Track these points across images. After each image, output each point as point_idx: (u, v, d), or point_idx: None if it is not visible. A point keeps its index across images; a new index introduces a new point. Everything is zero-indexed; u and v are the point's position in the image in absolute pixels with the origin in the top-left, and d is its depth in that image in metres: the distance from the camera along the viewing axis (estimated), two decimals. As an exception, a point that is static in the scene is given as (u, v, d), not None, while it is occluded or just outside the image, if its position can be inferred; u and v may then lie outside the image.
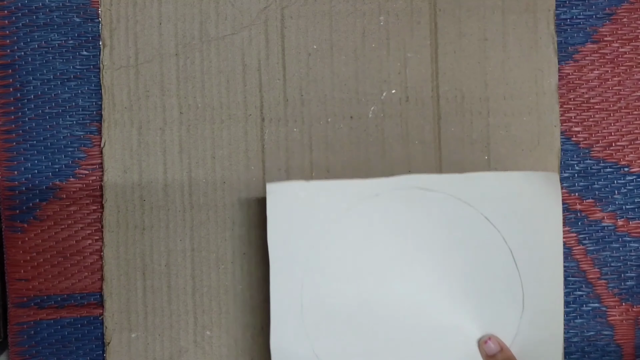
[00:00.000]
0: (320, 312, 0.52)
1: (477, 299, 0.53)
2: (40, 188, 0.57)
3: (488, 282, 0.53)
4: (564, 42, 0.58)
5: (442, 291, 0.53)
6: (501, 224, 0.52)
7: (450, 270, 0.53)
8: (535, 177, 0.52)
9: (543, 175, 0.53)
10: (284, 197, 0.51)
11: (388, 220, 0.52)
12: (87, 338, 0.57)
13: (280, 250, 0.52)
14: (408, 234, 0.53)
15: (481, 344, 0.52)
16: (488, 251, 0.53)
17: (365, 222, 0.52)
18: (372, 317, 0.53)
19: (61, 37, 0.57)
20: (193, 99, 0.57)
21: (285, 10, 0.57)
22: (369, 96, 0.57)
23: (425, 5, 0.58)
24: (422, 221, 0.52)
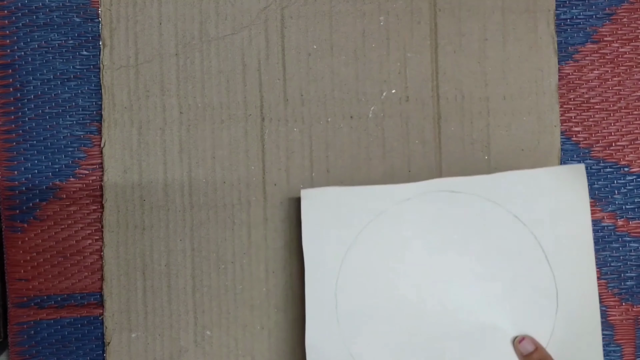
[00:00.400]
0: (355, 314, 0.53)
1: (511, 299, 0.53)
2: (40, 188, 0.57)
3: (521, 281, 0.53)
4: (564, 42, 0.58)
5: (475, 291, 0.53)
6: (530, 222, 0.53)
7: (483, 270, 0.53)
8: (562, 172, 0.53)
9: (569, 168, 0.54)
10: (317, 202, 0.53)
11: (420, 223, 0.53)
12: (87, 338, 0.57)
13: (315, 254, 0.53)
14: (439, 235, 0.53)
15: (516, 343, 0.53)
16: (519, 250, 0.53)
17: (397, 225, 0.53)
18: (407, 319, 0.53)
19: (61, 37, 0.57)
20: (193, 99, 0.57)
21: (285, 10, 0.57)
22: (369, 96, 0.57)
23: (425, 5, 0.58)
24: (452, 223, 0.53)
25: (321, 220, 0.53)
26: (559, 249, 0.53)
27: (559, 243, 0.53)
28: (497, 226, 0.53)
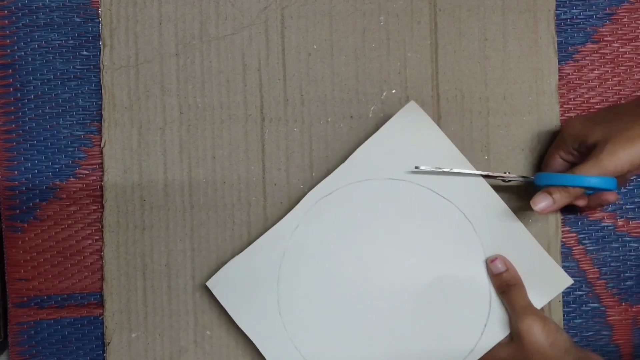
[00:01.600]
0: (297, 308, 0.54)
1: (445, 264, 0.54)
2: (40, 188, 0.57)
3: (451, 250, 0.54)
4: (564, 42, 0.58)
5: (413, 265, 0.54)
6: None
7: (417, 247, 0.54)
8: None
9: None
10: (226, 284, 0.54)
11: (361, 208, 0.54)
12: (87, 338, 0.57)
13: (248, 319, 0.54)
14: (378, 221, 0.54)
15: (488, 263, 0.54)
16: (446, 219, 0.54)
17: (340, 208, 0.54)
18: (351, 307, 0.54)
19: (61, 37, 0.57)
20: (193, 99, 0.57)
21: (286, 10, 0.57)
22: (369, 96, 0.57)
23: (425, 5, 0.58)
24: (390, 206, 0.54)
25: (240, 294, 0.54)
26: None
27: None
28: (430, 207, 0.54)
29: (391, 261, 0.54)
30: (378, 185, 0.54)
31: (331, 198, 0.54)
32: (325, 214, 0.54)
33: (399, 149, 0.54)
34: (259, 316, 0.54)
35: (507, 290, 0.53)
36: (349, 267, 0.54)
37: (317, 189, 0.54)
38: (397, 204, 0.54)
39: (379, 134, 0.54)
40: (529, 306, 0.52)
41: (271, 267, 0.54)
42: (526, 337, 0.50)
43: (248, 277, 0.54)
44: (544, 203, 0.50)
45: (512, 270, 0.53)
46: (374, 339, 0.54)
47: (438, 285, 0.54)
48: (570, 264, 0.58)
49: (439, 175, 0.54)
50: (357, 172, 0.54)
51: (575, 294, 0.58)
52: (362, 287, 0.54)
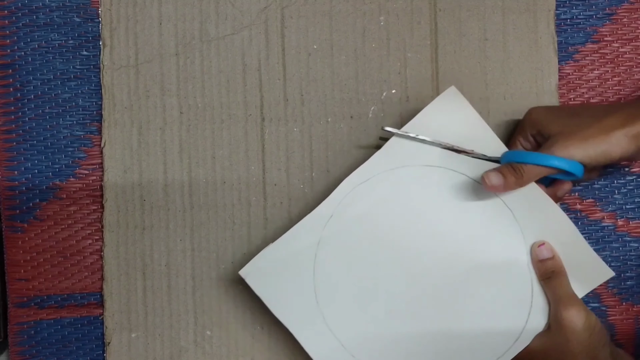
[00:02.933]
0: (335, 297, 0.53)
1: (486, 261, 0.53)
2: (40, 188, 0.57)
3: (494, 246, 0.53)
4: (564, 42, 0.58)
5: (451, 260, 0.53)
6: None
7: (459, 236, 0.53)
8: None
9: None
10: (261, 272, 0.53)
11: (397, 195, 0.54)
12: (87, 338, 0.57)
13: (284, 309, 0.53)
14: (414, 208, 0.54)
15: (534, 248, 0.53)
16: (490, 214, 0.53)
17: (376, 196, 0.53)
18: (388, 297, 0.53)
19: (61, 37, 0.57)
20: (193, 99, 0.57)
21: (286, 10, 0.57)
22: (369, 96, 0.57)
23: (425, 5, 0.58)
24: (427, 193, 0.54)
25: (276, 282, 0.53)
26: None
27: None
28: (469, 195, 0.54)
29: (429, 249, 0.53)
30: (414, 172, 0.53)
31: (366, 186, 0.53)
32: (361, 201, 0.53)
33: (436, 135, 0.53)
34: (295, 306, 0.53)
35: (551, 277, 0.52)
36: (386, 255, 0.53)
37: (352, 177, 0.53)
38: (434, 191, 0.53)
39: (417, 119, 0.53)
40: (572, 296, 0.52)
41: (307, 256, 0.53)
42: (568, 327, 0.50)
43: (283, 266, 0.53)
44: (495, 180, 0.50)
45: (557, 258, 0.53)
46: (414, 327, 0.53)
47: (478, 273, 0.53)
48: (571, 264, 0.58)
49: (477, 161, 0.53)
50: (392, 159, 0.53)
51: (575, 294, 0.58)
52: (400, 276, 0.53)
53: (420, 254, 0.53)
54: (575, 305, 0.50)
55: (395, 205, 0.53)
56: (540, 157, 0.49)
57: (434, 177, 0.53)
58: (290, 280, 0.53)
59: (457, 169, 0.53)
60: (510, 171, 0.50)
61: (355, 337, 0.53)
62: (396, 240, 0.53)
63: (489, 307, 0.53)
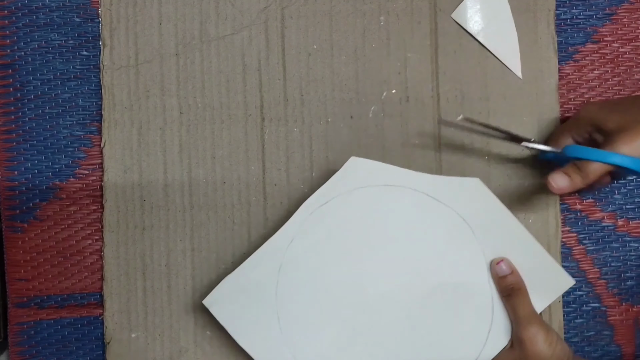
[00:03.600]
0: (297, 320, 0.53)
1: (447, 276, 0.53)
2: (40, 188, 0.57)
3: (453, 258, 0.53)
4: (564, 42, 0.58)
5: (413, 277, 0.53)
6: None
7: (419, 254, 0.53)
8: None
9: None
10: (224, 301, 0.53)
11: (358, 216, 0.53)
12: (87, 338, 0.57)
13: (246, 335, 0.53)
14: (375, 228, 0.54)
15: (493, 265, 0.53)
16: (447, 228, 0.53)
17: (337, 218, 0.53)
18: (349, 314, 0.53)
19: (61, 37, 0.57)
20: (193, 99, 0.57)
21: (286, 10, 0.57)
22: (369, 96, 0.57)
23: (425, 5, 0.58)
24: (387, 213, 0.54)
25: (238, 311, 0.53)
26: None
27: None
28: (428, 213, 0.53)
29: (390, 269, 0.53)
30: (374, 192, 0.53)
31: (326, 208, 0.53)
32: (321, 224, 0.53)
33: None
34: (259, 334, 0.53)
35: (511, 294, 0.52)
36: (347, 277, 0.53)
37: (311, 200, 0.53)
38: (394, 211, 0.53)
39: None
40: (532, 314, 0.52)
41: (268, 283, 0.53)
42: (529, 346, 0.50)
43: (245, 294, 0.53)
44: (561, 182, 0.49)
45: (516, 274, 0.53)
46: (376, 350, 0.53)
47: (439, 293, 0.53)
48: (571, 264, 0.58)
49: (436, 180, 0.53)
50: (351, 180, 0.53)
51: (575, 294, 0.58)
52: (362, 298, 0.53)
53: (381, 276, 0.53)
54: (536, 323, 0.51)
55: (355, 226, 0.53)
56: (606, 154, 0.48)
57: (394, 196, 0.53)
58: (253, 308, 0.53)
59: (417, 187, 0.53)
60: (575, 170, 0.49)
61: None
62: (357, 262, 0.53)
63: (450, 327, 0.53)
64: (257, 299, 0.53)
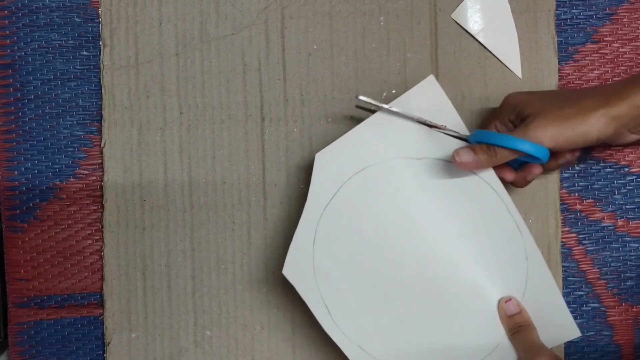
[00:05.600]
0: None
1: (486, 261, 0.53)
2: (41, 188, 0.57)
3: (495, 245, 0.53)
4: (564, 42, 0.58)
5: (453, 253, 0.53)
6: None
7: (461, 233, 0.53)
8: None
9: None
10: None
11: (409, 183, 0.53)
12: (87, 338, 0.57)
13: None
14: (418, 198, 0.53)
15: (502, 303, 0.53)
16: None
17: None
18: (385, 279, 0.53)
19: (61, 37, 0.57)
20: (193, 99, 0.57)
21: (286, 10, 0.57)
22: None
23: (425, 5, 0.58)
24: (432, 187, 0.53)
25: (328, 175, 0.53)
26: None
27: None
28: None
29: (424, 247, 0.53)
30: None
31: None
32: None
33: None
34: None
35: (519, 331, 0.52)
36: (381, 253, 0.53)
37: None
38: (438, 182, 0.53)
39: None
40: (541, 346, 0.51)
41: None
42: None
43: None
44: (465, 157, 0.50)
45: (524, 313, 0.52)
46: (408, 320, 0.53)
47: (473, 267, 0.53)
48: (570, 264, 0.58)
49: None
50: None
51: (575, 294, 0.58)
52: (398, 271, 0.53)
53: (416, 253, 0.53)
54: (544, 355, 0.50)
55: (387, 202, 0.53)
56: (508, 139, 0.49)
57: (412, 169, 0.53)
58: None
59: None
60: (483, 149, 0.50)
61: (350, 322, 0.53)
62: (385, 241, 0.53)
63: (483, 304, 0.53)
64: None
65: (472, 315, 0.53)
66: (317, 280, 0.53)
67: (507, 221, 0.53)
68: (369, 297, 0.53)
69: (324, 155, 0.53)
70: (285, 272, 0.52)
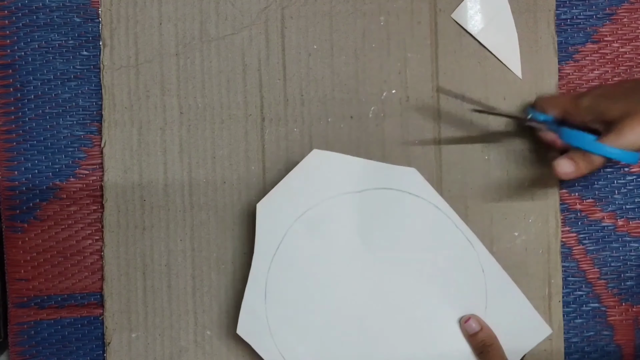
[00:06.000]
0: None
1: (444, 283, 0.53)
2: (41, 188, 0.57)
3: (451, 265, 0.53)
4: (564, 42, 0.58)
5: (410, 281, 0.53)
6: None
7: (414, 259, 0.53)
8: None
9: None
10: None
11: (353, 217, 0.53)
12: (87, 338, 0.57)
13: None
14: (367, 231, 0.53)
15: (462, 323, 0.53)
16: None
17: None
18: (340, 317, 0.53)
19: (61, 37, 0.57)
20: (193, 99, 0.57)
21: (286, 10, 0.57)
22: (369, 96, 0.57)
23: (425, 5, 0.58)
24: (379, 217, 0.53)
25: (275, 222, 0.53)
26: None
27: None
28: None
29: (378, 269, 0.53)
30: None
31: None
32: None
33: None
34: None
35: (483, 352, 0.52)
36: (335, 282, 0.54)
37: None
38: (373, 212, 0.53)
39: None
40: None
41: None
42: None
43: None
44: (567, 168, 0.49)
45: (486, 329, 0.53)
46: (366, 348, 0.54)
47: (429, 286, 0.53)
48: (570, 264, 0.58)
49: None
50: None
51: (575, 294, 0.58)
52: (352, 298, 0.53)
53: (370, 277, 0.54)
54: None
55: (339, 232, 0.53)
56: (601, 147, 0.48)
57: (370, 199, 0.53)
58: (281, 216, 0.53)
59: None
60: (582, 157, 0.49)
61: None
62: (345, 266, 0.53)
63: (444, 320, 0.54)
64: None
65: (438, 341, 0.53)
66: (272, 334, 0.53)
67: (456, 236, 0.53)
68: (329, 341, 0.53)
69: (264, 204, 0.53)
70: (240, 332, 0.53)
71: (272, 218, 0.53)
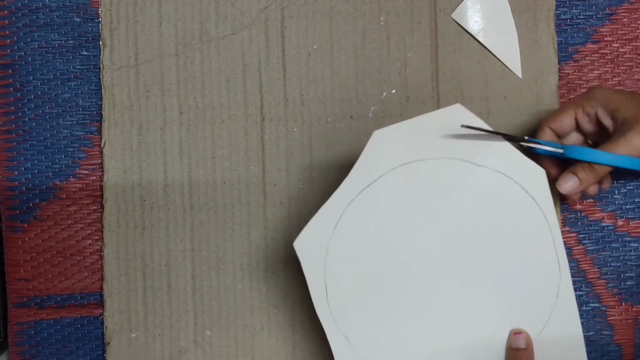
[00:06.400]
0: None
1: (508, 285, 0.50)
2: (40, 188, 0.57)
3: (525, 267, 0.50)
4: (564, 42, 0.58)
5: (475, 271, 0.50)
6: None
7: (487, 248, 0.50)
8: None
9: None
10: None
11: (424, 188, 0.50)
12: (87, 338, 0.57)
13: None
14: (444, 204, 0.50)
15: (511, 333, 0.50)
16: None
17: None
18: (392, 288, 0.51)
19: (61, 37, 0.57)
20: (193, 99, 0.57)
21: (286, 10, 0.57)
22: (369, 96, 0.57)
23: (425, 5, 0.58)
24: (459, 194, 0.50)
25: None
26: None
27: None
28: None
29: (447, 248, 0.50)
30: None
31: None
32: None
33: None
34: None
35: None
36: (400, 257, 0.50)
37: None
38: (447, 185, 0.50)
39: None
40: None
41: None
42: None
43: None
44: (570, 184, 0.48)
45: (530, 352, 0.50)
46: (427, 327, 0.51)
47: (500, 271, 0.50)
48: (571, 264, 0.58)
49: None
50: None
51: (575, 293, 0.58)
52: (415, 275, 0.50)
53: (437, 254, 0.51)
54: None
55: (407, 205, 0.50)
56: (606, 156, 0.47)
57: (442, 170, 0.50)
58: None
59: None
60: (582, 169, 0.48)
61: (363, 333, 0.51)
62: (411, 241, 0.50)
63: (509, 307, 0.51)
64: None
65: (473, 338, 0.51)
66: (326, 263, 0.50)
67: (547, 252, 0.50)
68: (371, 298, 0.51)
69: (381, 134, 0.50)
70: (296, 246, 0.50)
71: (381, 151, 0.50)
